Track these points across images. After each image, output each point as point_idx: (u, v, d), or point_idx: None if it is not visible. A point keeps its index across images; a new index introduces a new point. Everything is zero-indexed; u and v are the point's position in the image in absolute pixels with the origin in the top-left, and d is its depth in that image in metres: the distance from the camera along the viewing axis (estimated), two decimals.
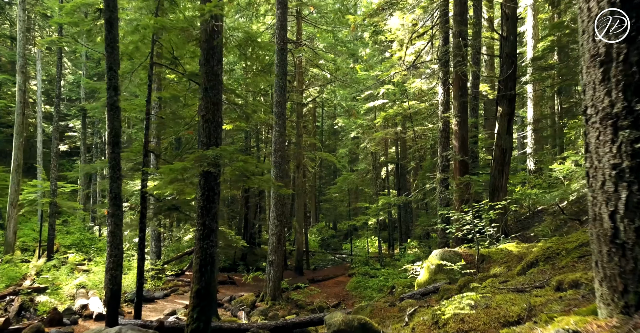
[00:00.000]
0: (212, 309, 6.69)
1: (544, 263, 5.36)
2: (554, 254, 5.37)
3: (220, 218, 31.36)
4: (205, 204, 6.80)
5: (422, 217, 17.65)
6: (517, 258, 7.64)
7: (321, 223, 36.39)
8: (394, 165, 26.40)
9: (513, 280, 4.90)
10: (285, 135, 14.98)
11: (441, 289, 7.17)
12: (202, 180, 6.85)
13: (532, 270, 5.21)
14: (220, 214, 31.32)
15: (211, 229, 6.80)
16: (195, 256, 6.72)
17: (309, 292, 15.79)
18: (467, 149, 12.83)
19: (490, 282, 5.13)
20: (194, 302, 6.53)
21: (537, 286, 4.09)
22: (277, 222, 14.24)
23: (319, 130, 40.04)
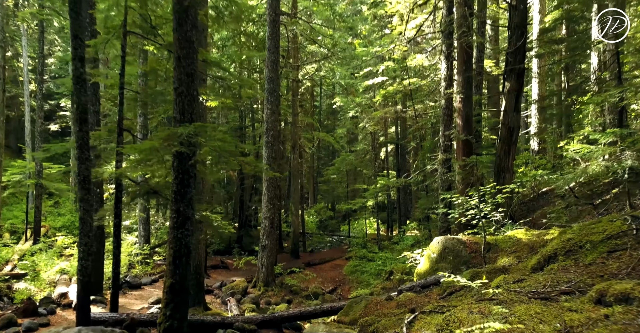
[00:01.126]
0: (188, 305, 6.02)
1: (565, 257, 4.62)
2: (576, 247, 4.63)
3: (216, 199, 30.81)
4: (179, 189, 6.04)
5: (422, 199, 16.97)
6: (527, 247, 6.92)
7: (319, 204, 35.78)
8: (394, 145, 25.60)
9: (530, 279, 4.17)
10: (278, 114, 14.13)
11: (444, 283, 6.47)
12: (175, 162, 6.07)
13: (552, 267, 4.47)
14: (216, 196, 30.79)
15: (186, 216, 6.05)
16: (169, 247, 6.00)
17: (303, 277, 15.21)
18: (472, 128, 12.02)
19: (503, 281, 4.41)
20: (168, 297, 5.84)
21: (565, 291, 3.36)
22: (270, 206, 13.53)
23: (317, 110, 39.13)
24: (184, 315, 5.92)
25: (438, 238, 8.00)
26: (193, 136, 5.73)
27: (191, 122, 6.05)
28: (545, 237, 7.11)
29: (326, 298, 13.56)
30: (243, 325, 7.22)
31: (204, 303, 10.74)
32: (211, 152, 6.04)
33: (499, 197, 7.61)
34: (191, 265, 6.18)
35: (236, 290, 12.89)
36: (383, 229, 28.86)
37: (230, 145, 5.97)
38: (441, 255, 7.71)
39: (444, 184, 12.27)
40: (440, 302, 5.74)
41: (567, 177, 7.56)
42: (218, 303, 12.11)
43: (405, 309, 5.85)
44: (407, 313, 5.41)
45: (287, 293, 13.72)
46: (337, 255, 21.23)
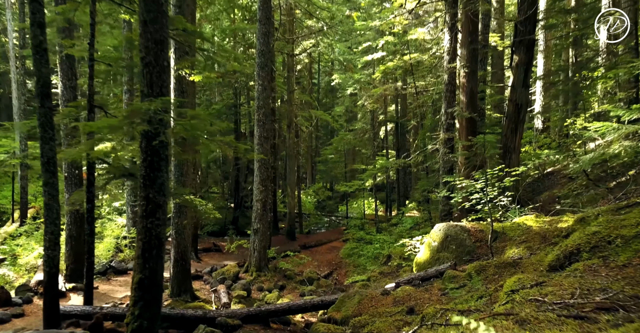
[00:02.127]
0: (160, 303, 5.38)
1: (590, 255, 3.94)
2: (603, 243, 3.95)
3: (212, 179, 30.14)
4: (148, 173, 5.31)
5: (422, 180, 16.29)
6: (539, 236, 6.26)
7: (318, 184, 35.15)
8: (394, 124, 24.79)
9: (551, 282, 3.49)
10: (270, 90, 13.30)
11: (446, 276, 5.82)
12: (143, 142, 5.33)
13: (576, 267, 3.79)
14: (212, 176, 30.13)
15: (157, 204, 5.35)
16: (138, 238, 5.32)
17: (298, 261, 14.65)
18: (476, 105, 11.24)
19: (518, 284, 3.73)
20: (136, 294, 5.19)
21: (603, 306, 2.68)
22: (262, 188, 12.84)
23: (315, 88, 38.10)
24: (155, 314, 5.28)
25: (440, 226, 7.33)
26: (161, 113, 4.97)
27: (162, 97, 5.28)
28: (558, 224, 6.44)
29: (321, 284, 13.03)
30: (226, 320, 6.62)
31: (191, 291, 10.18)
32: (184, 132, 5.29)
33: (507, 181, 6.91)
34: (164, 257, 5.49)
35: (227, 276, 12.33)
36: (382, 209, 28.31)
37: (205, 123, 5.23)
38: (443, 244, 7.06)
39: (446, 165, 11.56)
40: (443, 301, 5.10)
41: (584, 159, 6.84)
42: (207, 289, 11.56)
43: (403, 307, 5.22)
44: (404, 315, 4.77)
45: (281, 278, 13.18)
46: (334, 236, 20.68)
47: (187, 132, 5.25)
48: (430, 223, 16.19)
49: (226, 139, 5.87)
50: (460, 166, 11.08)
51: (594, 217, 6.12)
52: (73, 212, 10.65)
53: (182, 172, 9.87)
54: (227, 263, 14.76)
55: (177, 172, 9.84)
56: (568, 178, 12.35)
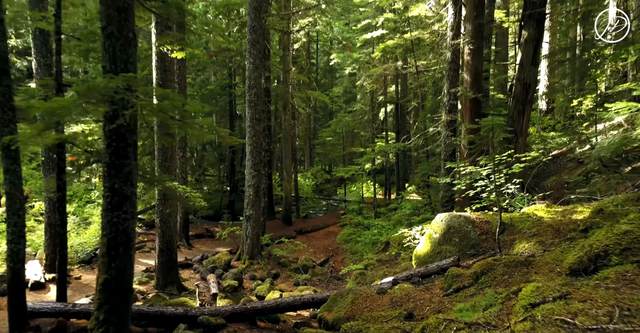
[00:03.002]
0: (128, 305, 4.82)
1: (621, 259, 3.34)
2: (637, 245, 3.34)
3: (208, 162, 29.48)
4: (113, 160, 4.68)
5: (423, 164, 15.67)
6: (552, 229, 5.66)
7: (316, 167, 34.55)
8: (393, 105, 24.03)
9: (579, 295, 2.89)
10: (262, 69, 12.55)
11: (449, 274, 5.24)
12: (107, 126, 4.68)
13: (606, 274, 3.19)
14: (208, 158, 29.48)
15: (124, 195, 4.73)
16: (102, 233, 4.73)
17: (293, 247, 14.15)
18: (481, 84, 10.54)
19: (536, 293, 3.14)
20: (101, 297, 4.63)
21: None
22: (254, 172, 12.22)
23: (313, 68, 37.15)
24: (123, 318, 4.72)
25: (442, 216, 6.74)
26: (122, 92, 4.30)
27: (128, 73, 4.60)
28: (573, 216, 5.84)
29: (316, 272, 12.54)
30: (208, 318, 6.08)
31: (178, 282, 9.67)
32: (156, 113, 4.63)
33: (516, 167, 6.28)
34: (133, 255, 4.90)
35: (218, 264, 11.82)
36: (380, 193, 27.76)
37: (176, 103, 4.57)
38: (445, 236, 6.47)
39: (448, 149, 10.91)
40: (445, 304, 4.52)
41: (603, 144, 6.20)
42: (197, 279, 11.06)
43: (401, 311, 4.65)
44: (402, 321, 4.20)
45: (275, 266, 12.68)
46: (331, 221, 20.17)
47: (158, 113, 4.59)
48: (430, 208, 15.64)
49: (205, 122, 5.22)
50: (463, 150, 10.44)
51: (612, 207, 5.51)
52: (52, 199, 10.04)
53: (166, 156, 9.23)
54: (219, 250, 14.26)
55: (161, 156, 9.21)
56: (577, 162, 11.73)
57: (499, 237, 5.87)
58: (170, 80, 9.17)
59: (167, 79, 9.07)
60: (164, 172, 9.17)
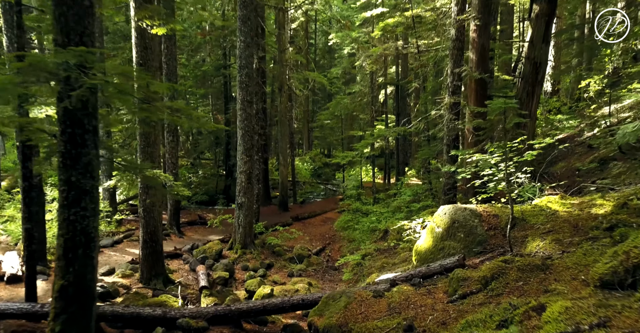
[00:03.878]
0: (90, 315, 4.25)
1: None
2: None
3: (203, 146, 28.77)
4: (68, 149, 4.05)
5: (424, 149, 15.01)
6: (569, 225, 5.06)
7: (314, 150, 33.84)
8: (394, 87, 23.25)
9: (622, 327, 2.30)
10: (253, 48, 11.81)
11: (454, 277, 4.66)
12: (60, 110, 4.03)
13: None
14: (203, 141, 28.76)
15: (82, 190, 4.12)
16: (59, 233, 4.14)
17: (288, 235, 13.61)
18: (488, 64, 9.82)
19: (566, 317, 2.56)
20: (57, 306, 4.06)
21: None
22: (246, 158, 11.59)
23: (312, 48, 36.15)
24: (84, 330, 4.16)
25: (445, 208, 6.13)
26: (72, 68, 3.64)
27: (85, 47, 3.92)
28: (592, 209, 5.24)
29: (312, 261, 12.04)
30: (189, 321, 5.55)
31: (164, 275, 9.14)
32: (114, 95, 3.98)
33: (528, 155, 5.64)
34: (96, 257, 4.31)
35: (209, 254, 11.30)
36: (380, 177, 27.17)
37: (141, 81, 3.91)
38: (448, 231, 5.88)
39: (451, 133, 10.25)
40: (451, 313, 3.96)
41: (625, 129, 5.55)
42: (186, 270, 10.55)
43: (400, 320, 4.09)
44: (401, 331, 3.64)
45: (269, 256, 12.18)
46: (329, 207, 19.64)
47: (117, 95, 3.93)
48: (430, 194, 15.06)
49: (177, 105, 4.57)
50: (467, 135, 9.80)
51: (636, 200, 4.91)
52: None
53: (149, 141, 8.59)
54: (212, 238, 13.74)
55: (143, 142, 8.57)
56: (587, 146, 11.09)
57: (510, 233, 5.27)
58: (152, 59, 8.46)
59: (147, 57, 8.36)
60: (147, 159, 8.55)
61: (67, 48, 3.81)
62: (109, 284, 8.19)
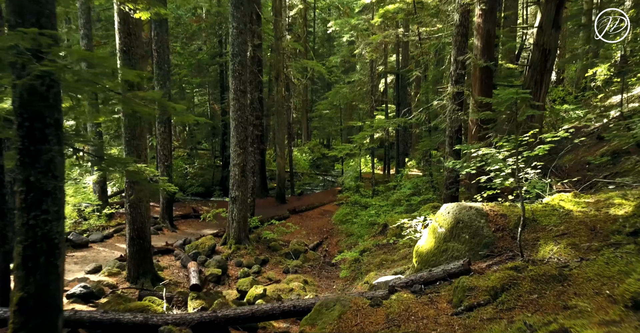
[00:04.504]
0: (56, 329, 3.83)
1: None
2: None
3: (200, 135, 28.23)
4: (26, 145, 3.59)
5: (425, 140, 14.54)
6: (585, 227, 4.62)
7: (313, 140, 33.32)
8: (394, 75, 22.68)
9: None
10: (247, 34, 11.28)
11: (459, 286, 4.23)
12: (17, 101, 3.56)
13: None
14: (199, 131, 28.23)
15: (43, 191, 3.67)
16: (17, 240, 3.70)
17: (284, 229, 13.21)
18: (493, 52, 9.32)
19: None
20: (17, 321, 3.63)
21: None
22: (240, 150, 11.12)
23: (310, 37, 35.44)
24: None
25: (448, 207, 5.68)
26: (24, 54, 3.16)
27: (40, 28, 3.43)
28: (610, 210, 4.79)
29: (308, 257, 11.65)
30: (172, 329, 5.14)
31: (153, 273, 8.74)
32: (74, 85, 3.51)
33: (539, 149, 5.18)
34: (61, 265, 3.87)
35: (201, 250, 10.89)
36: (379, 167, 26.72)
37: (105, 67, 3.44)
38: (452, 232, 5.44)
39: (453, 124, 9.77)
40: (456, 328, 3.53)
41: None
42: (177, 266, 10.16)
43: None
44: None
45: (264, 251, 11.78)
46: (327, 199, 19.23)
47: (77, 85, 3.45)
48: (431, 186, 14.63)
49: (151, 95, 4.09)
50: (471, 126, 9.31)
51: None
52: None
53: (134, 134, 8.12)
54: (206, 232, 13.34)
55: (128, 134, 8.10)
56: (596, 138, 10.62)
57: (521, 235, 4.83)
58: (137, 46, 7.94)
59: (132, 44, 7.85)
60: (132, 152, 8.09)
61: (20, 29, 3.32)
62: (94, 284, 7.78)
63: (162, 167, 13.09)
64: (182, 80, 25.18)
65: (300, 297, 8.08)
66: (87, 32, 12.80)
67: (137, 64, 7.91)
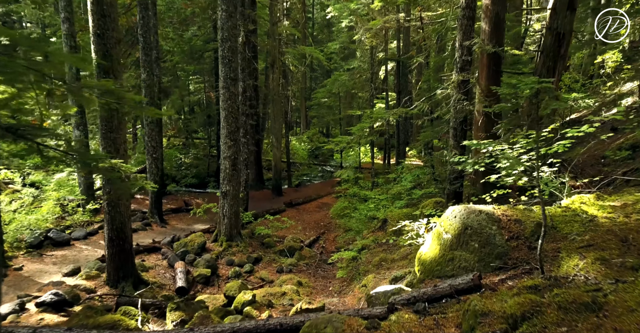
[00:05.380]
0: None
1: None
2: None
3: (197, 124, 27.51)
4: None
5: (427, 131, 13.86)
6: (614, 238, 3.99)
7: (312, 129, 32.59)
8: (394, 62, 21.90)
9: None
10: (237, 18, 10.52)
11: (470, 309, 3.61)
12: None
13: None
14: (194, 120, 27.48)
15: None
16: None
17: (279, 225, 12.62)
18: (503, 36, 8.58)
19: None
20: None
21: None
22: (230, 142, 10.47)
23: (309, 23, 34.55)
24: None
25: (455, 210, 5.05)
26: None
27: None
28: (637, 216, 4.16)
29: (304, 254, 11.08)
30: None
31: (135, 275, 8.16)
32: None
33: (559, 146, 4.53)
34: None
35: (190, 248, 10.31)
36: (379, 157, 26.07)
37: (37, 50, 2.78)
38: (460, 239, 4.82)
39: (458, 115, 9.09)
40: None
41: None
42: (164, 266, 9.57)
43: None
44: None
45: (257, 248, 11.20)
46: (325, 190, 18.64)
47: None
48: (432, 178, 13.99)
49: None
50: (478, 117, 8.64)
51: None
52: None
53: (111, 126, 7.45)
54: (197, 227, 12.76)
55: (105, 126, 7.43)
56: (610, 129, 9.94)
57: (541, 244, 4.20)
58: (113, 29, 7.23)
59: (107, 27, 7.14)
60: (109, 146, 7.44)
61: None
62: (69, 289, 7.19)
63: (150, 159, 12.45)
64: (177, 68, 24.39)
65: (294, 301, 7.53)
66: (68, 16, 12.03)
67: (112, 48, 7.21)
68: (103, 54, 7.18)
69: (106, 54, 7.18)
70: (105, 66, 7.19)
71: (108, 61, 7.22)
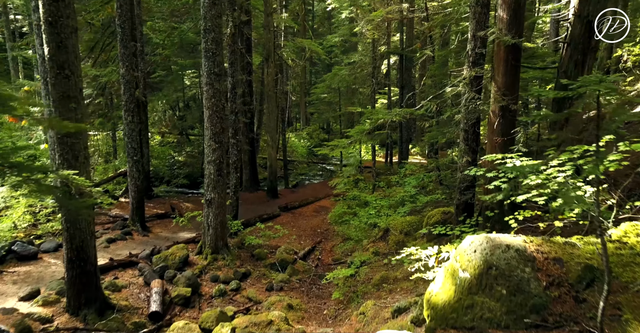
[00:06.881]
0: None
1: None
2: None
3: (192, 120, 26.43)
4: None
5: (433, 131, 12.77)
6: None
7: (312, 126, 31.46)
8: (397, 56, 20.78)
9: None
10: (221, 6, 9.43)
11: None
12: None
13: None
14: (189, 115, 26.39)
15: None
16: None
17: (271, 234, 11.60)
18: (522, 25, 7.46)
19: None
20: None
21: None
22: (215, 145, 9.41)
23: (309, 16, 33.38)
24: None
25: (475, 242, 3.98)
26: None
27: None
28: None
29: (297, 268, 10.09)
30: None
31: (101, 299, 7.15)
32: None
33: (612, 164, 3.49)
34: None
35: (171, 262, 9.29)
36: (381, 155, 25.04)
37: None
38: (481, 280, 3.77)
39: (470, 116, 8.01)
40: None
41: None
42: (140, 285, 8.55)
43: None
44: None
45: (246, 261, 10.19)
46: (323, 192, 17.59)
47: None
48: (439, 183, 12.94)
49: None
50: (493, 119, 7.55)
51: None
52: None
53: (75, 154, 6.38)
54: (183, 236, 11.77)
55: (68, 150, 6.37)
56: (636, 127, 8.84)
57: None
58: (68, 16, 6.16)
59: (60, 13, 6.07)
60: (66, 153, 6.39)
61: None
62: (19, 319, 6.20)
63: (130, 162, 11.42)
64: (170, 62, 23.30)
65: None
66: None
67: (67, 39, 6.15)
68: (56, 45, 6.13)
69: (60, 45, 6.12)
70: (59, 59, 6.14)
71: (63, 54, 6.17)
